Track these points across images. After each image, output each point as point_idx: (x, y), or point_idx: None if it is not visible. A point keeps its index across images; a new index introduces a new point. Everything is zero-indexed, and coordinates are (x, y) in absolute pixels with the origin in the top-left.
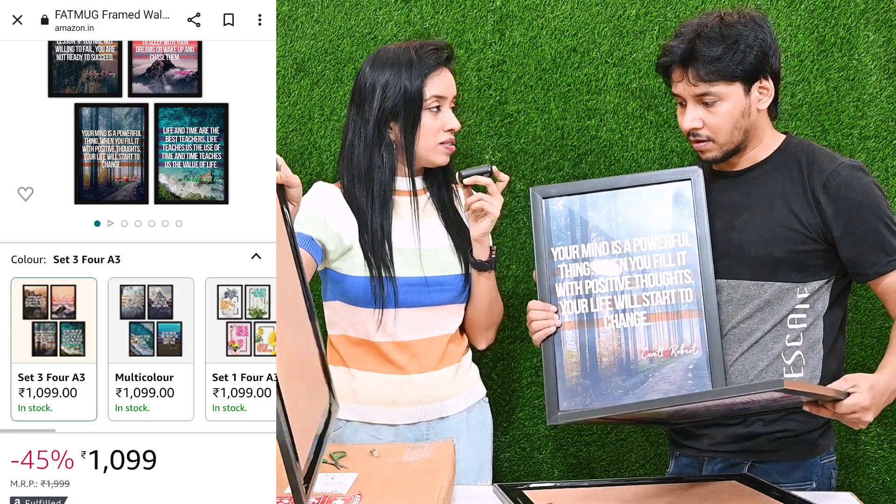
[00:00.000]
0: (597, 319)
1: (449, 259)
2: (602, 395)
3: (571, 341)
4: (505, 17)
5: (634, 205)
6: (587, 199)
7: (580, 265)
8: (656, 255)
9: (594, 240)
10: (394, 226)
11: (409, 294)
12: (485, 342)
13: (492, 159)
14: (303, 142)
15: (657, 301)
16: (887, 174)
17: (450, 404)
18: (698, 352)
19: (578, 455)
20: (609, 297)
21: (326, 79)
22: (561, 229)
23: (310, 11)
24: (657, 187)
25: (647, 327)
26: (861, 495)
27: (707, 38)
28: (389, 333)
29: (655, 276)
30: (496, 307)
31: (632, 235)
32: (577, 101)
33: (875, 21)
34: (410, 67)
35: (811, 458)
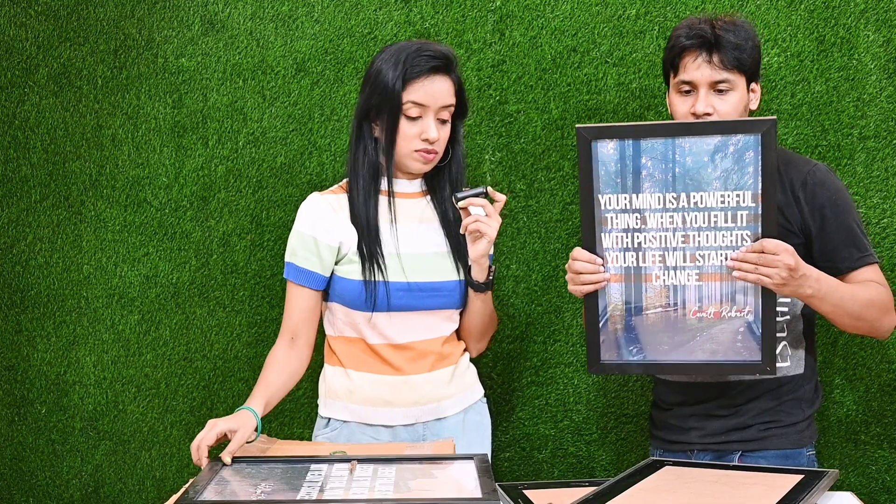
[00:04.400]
0: (645, 274)
1: (446, 265)
2: (646, 350)
3: (616, 294)
4: (505, 17)
5: (695, 155)
6: (642, 144)
7: (630, 216)
8: (715, 214)
9: (647, 190)
10: (391, 230)
11: (402, 298)
12: (476, 351)
13: (492, 159)
14: (303, 142)
15: (711, 261)
16: (887, 174)
17: (447, 405)
18: (750, 315)
19: (578, 455)
20: (660, 253)
21: (326, 79)
22: (610, 175)
23: (310, 11)
24: (724, 138)
25: (698, 286)
26: (861, 495)
27: (727, 28)
28: (384, 336)
29: (712, 235)
30: (490, 322)
31: (689, 189)
32: (577, 101)
33: (875, 21)
34: (396, 68)
35: (798, 449)
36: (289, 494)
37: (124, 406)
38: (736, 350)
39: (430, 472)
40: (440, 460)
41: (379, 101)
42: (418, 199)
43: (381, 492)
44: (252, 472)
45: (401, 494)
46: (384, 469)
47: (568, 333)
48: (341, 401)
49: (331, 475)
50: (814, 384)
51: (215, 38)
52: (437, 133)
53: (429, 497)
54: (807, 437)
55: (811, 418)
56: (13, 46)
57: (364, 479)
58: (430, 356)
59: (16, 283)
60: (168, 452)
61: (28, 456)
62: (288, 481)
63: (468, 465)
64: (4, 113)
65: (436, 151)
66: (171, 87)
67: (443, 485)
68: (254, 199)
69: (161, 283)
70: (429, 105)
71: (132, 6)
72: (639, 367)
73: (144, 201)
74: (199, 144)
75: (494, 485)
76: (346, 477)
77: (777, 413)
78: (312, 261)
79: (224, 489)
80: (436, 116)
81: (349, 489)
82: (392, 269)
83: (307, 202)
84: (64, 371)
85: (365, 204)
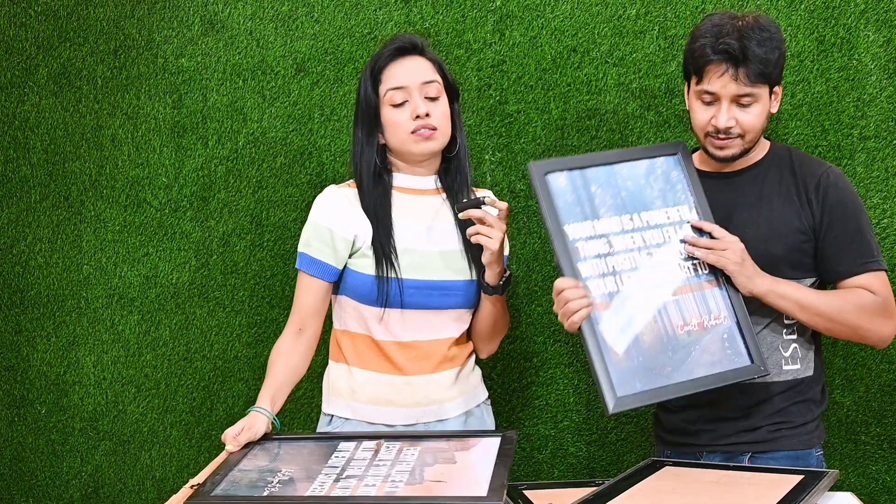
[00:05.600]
0: (627, 297)
1: (459, 264)
2: (654, 375)
3: (609, 322)
4: (505, 17)
5: (633, 179)
6: (588, 173)
7: (598, 242)
8: (665, 229)
9: (604, 215)
10: (406, 226)
11: (414, 296)
12: (486, 352)
13: (492, 159)
14: (303, 142)
15: (677, 275)
16: (887, 174)
17: (449, 407)
18: (727, 321)
19: (578, 455)
20: (633, 274)
21: (326, 79)
22: (569, 205)
23: (310, 11)
24: (650, 161)
25: (675, 301)
26: (861, 495)
27: (754, 37)
28: (392, 333)
29: (669, 250)
30: (501, 324)
31: (639, 210)
32: (577, 101)
33: (875, 21)
34: (369, 69)
35: (807, 450)
36: (302, 485)
37: (124, 406)
38: (728, 357)
39: (453, 455)
40: (468, 437)
41: (364, 105)
42: (433, 196)
43: (393, 481)
44: (277, 454)
45: (408, 491)
46: (409, 450)
47: (568, 333)
48: (343, 399)
49: (353, 458)
50: (821, 385)
51: (215, 38)
52: (427, 108)
53: (429, 495)
54: (815, 438)
55: (819, 419)
56: (13, 46)
57: (384, 463)
58: (435, 357)
59: (16, 283)
60: (168, 452)
61: (28, 456)
62: (307, 468)
63: (492, 447)
64: (4, 113)
65: (434, 127)
66: (171, 87)
67: (455, 475)
68: (254, 199)
69: (161, 284)
70: (407, 84)
71: (132, 6)
72: (658, 393)
73: (144, 201)
74: (198, 144)
75: (506, 474)
76: (368, 459)
77: (787, 414)
78: (326, 252)
79: (242, 477)
80: (422, 95)
81: (363, 479)
82: (405, 266)
83: (324, 194)
84: (64, 371)
85: (374, 202)
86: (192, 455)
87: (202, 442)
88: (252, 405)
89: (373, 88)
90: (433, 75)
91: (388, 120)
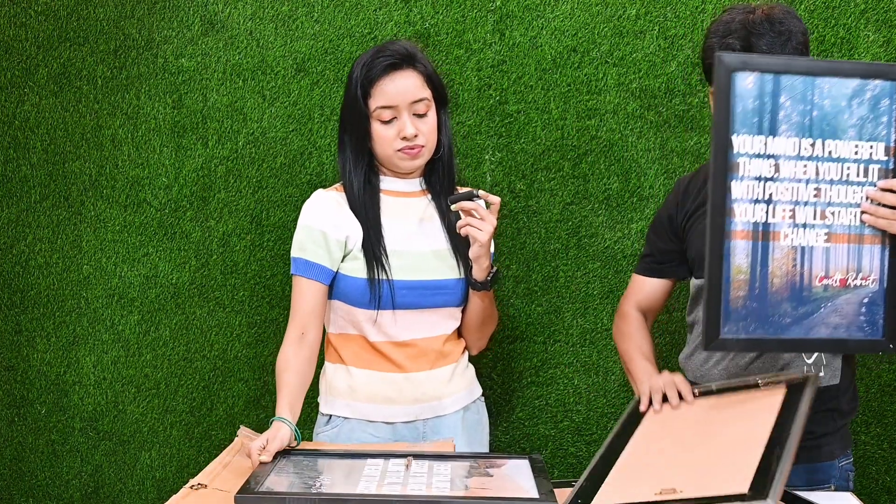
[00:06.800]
0: (773, 232)
1: (447, 263)
2: (766, 323)
3: (742, 254)
4: (505, 17)
5: (832, 98)
6: (783, 80)
7: (764, 162)
8: (847, 165)
9: (783, 133)
10: (395, 228)
11: (406, 297)
12: (476, 348)
13: (492, 159)
14: (303, 142)
15: (841, 219)
16: None
17: (447, 402)
18: (875, 284)
19: (578, 455)
20: (790, 207)
21: (326, 79)
22: (747, 113)
23: (310, 11)
24: (862, 82)
25: (825, 249)
26: (861, 495)
27: (767, 36)
28: (386, 333)
29: (843, 190)
30: (490, 320)
31: (825, 136)
32: (577, 101)
33: (875, 21)
34: (357, 80)
35: (830, 461)
36: (348, 487)
37: (124, 406)
38: (859, 324)
39: (486, 470)
40: (494, 458)
41: (350, 115)
42: (419, 197)
43: (437, 488)
44: (309, 464)
45: (458, 492)
46: (439, 466)
47: (568, 333)
48: (342, 398)
49: (388, 470)
50: (850, 395)
51: (215, 38)
52: (415, 128)
53: (491, 496)
54: (839, 449)
55: (844, 427)
56: (13, 46)
57: (420, 476)
58: (432, 354)
59: (16, 283)
60: (168, 452)
61: (28, 456)
62: (346, 475)
63: (523, 465)
64: (4, 113)
65: (420, 146)
66: (171, 87)
67: (501, 484)
68: (254, 199)
69: (161, 284)
70: (397, 104)
71: (132, 6)
72: (762, 344)
73: (144, 201)
74: (198, 144)
75: (551, 485)
76: (402, 472)
77: (808, 424)
78: (321, 255)
79: (284, 480)
80: (411, 112)
81: (406, 485)
82: (396, 267)
83: (313, 198)
84: (64, 371)
85: (363, 205)
86: (192, 455)
87: (202, 442)
88: (251, 405)
89: (363, 100)
90: (423, 92)
91: (376, 133)
